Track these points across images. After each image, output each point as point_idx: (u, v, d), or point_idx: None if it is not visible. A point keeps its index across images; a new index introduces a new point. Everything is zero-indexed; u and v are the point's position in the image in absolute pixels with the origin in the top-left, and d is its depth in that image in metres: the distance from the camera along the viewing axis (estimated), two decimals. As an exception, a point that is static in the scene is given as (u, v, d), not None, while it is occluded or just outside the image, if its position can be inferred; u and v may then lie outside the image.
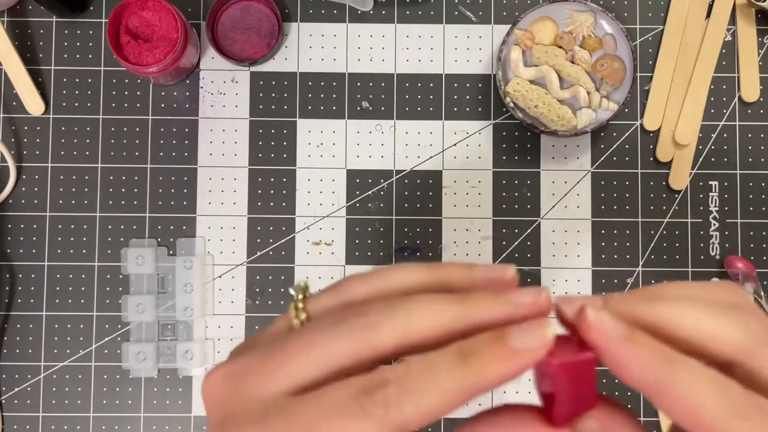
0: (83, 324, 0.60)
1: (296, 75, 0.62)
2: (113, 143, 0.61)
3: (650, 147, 0.61)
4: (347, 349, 0.23)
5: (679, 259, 0.61)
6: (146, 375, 0.59)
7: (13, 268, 0.60)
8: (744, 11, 0.62)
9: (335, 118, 0.61)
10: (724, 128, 0.61)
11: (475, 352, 0.22)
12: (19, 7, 0.62)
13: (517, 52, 0.58)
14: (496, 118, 0.62)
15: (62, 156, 0.61)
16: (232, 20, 0.62)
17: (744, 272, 0.59)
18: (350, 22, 0.62)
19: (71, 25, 0.62)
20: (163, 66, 0.56)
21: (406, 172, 0.61)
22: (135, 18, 0.56)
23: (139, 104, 0.61)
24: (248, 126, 0.61)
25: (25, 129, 0.61)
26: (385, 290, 0.25)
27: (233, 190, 0.61)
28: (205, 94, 0.62)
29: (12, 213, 0.60)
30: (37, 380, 0.59)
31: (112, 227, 0.60)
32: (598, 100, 0.57)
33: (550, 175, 0.61)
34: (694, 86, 0.61)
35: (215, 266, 0.60)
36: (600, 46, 0.58)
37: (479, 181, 0.61)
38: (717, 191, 0.61)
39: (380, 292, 0.25)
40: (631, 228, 0.61)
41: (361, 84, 0.62)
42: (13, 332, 0.60)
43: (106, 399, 0.59)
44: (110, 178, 0.61)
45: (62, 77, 0.61)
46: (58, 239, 0.60)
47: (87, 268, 0.60)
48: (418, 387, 0.22)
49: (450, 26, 0.62)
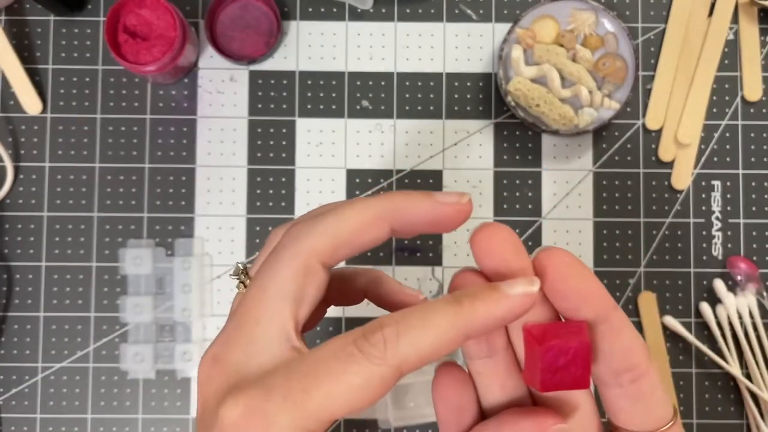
0: (81, 325, 0.59)
1: (295, 74, 0.61)
2: (111, 143, 0.61)
3: (652, 146, 0.61)
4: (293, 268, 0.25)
5: (682, 260, 0.60)
6: (144, 376, 0.59)
7: (10, 268, 0.60)
8: (746, 10, 0.61)
9: (335, 117, 0.61)
10: (726, 127, 0.61)
11: (467, 295, 0.24)
12: (16, 6, 0.61)
13: (519, 50, 0.58)
14: (497, 118, 0.61)
15: (60, 155, 0.60)
16: (230, 19, 0.61)
17: (747, 273, 0.59)
18: (350, 20, 0.62)
19: (69, 23, 0.61)
20: (161, 65, 0.55)
21: (407, 171, 0.61)
22: (133, 16, 0.56)
23: (137, 103, 0.61)
24: (247, 125, 0.61)
25: (22, 128, 0.61)
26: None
27: (232, 190, 0.61)
28: (204, 93, 0.61)
29: (9, 213, 0.60)
30: (34, 381, 0.59)
31: (110, 227, 0.60)
32: (600, 99, 0.57)
33: (552, 175, 0.61)
34: (697, 85, 0.61)
35: (214, 267, 0.60)
36: (602, 45, 0.58)
37: (480, 180, 0.61)
38: (719, 191, 0.61)
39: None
40: (633, 228, 0.60)
41: (361, 83, 0.61)
42: (11, 333, 0.59)
43: (104, 400, 0.59)
44: (108, 177, 0.60)
45: (60, 76, 0.61)
46: (55, 239, 0.60)
47: (85, 269, 0.60)
48: (414, 326, 0.23)
49: (450, 24, 0.62)
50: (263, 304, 0.25)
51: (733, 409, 0.59)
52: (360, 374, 0.22)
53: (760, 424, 0.57)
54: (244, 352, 0.25)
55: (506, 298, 0.23)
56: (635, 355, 0.24)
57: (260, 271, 0.26)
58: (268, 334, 0.25)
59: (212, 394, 0.24)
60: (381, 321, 0.23)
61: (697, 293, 0.60)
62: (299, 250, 0.25)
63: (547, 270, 0.24)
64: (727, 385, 0.59)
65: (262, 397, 0.23)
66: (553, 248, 0.25)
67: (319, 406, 0.22)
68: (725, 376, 0.59)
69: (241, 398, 0.23)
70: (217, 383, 0.25)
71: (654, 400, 0.25)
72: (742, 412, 0.59)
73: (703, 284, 0.60)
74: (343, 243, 0.25)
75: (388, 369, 0.22)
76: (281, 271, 0.25)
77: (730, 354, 0.58)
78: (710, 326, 0.58)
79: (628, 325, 0.24)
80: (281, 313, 0.25)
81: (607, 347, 0.24)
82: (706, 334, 0.59)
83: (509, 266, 0.24)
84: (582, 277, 0.24)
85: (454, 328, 0.23)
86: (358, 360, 0.22)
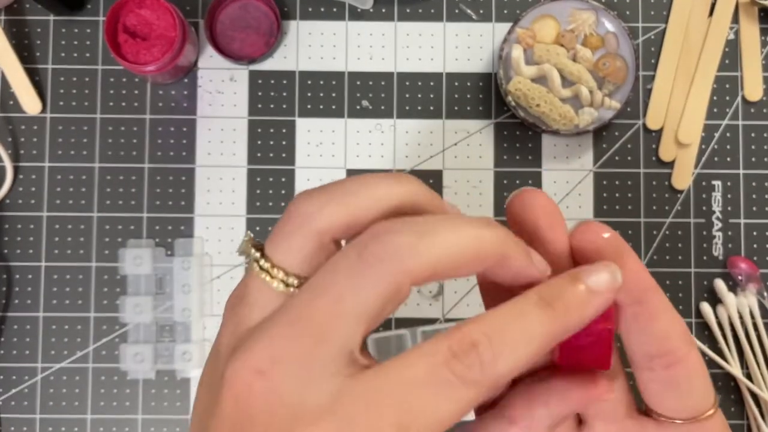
0: (80, 325, 0.59)
1: (295, 74, 0.61)
2: (111, 142, 0.61)
3: (653, 146, 0.61)
4: (385, 287, 0.20)
5: (682, 260, 0.60)
6: (144, 376, 0.59)
7: (10, 268, 0.60)
8: (747, 9, 0.61)
9: (335, 117, 0.61)
10: (727, 127, 0.61)
11: (557, 297, 0.21)
12: (16, 5, 0.61)
13: (519, 50, 0.58)
14: (497, 117, 0.61)
15: (59, 155, 0.60)
16: (230, 18, 0.61)
17: (747, 273, 0.59)
18: (350, 20, 0.62)
19: (68, 23, 0.61)
20: (161, 65, 0.55)
21: (407, 171, 0.61)
22: (133, 16, 0.56)
23: (136, 103, 0.61)
24: (247, 125, 0.61)
25: (22, 128, 0.60)
26: (365, 214, 0.22)
27: (232, 190, 0.60)
28: (204, 93, 0.61)
29: (9, 213, 0.60)
30: (34, 382, 0.59)
31: (110, 227, 0.60)
32: (600, 99, 0.57)
33: (552, 175, 0.61)
34: (697, 85, 0.61)
35: (213, 267, 0.60)
36: (602, 45, 0.57)
37: (480, 180, 0.61)
38: (720, 191, 0.61)
39: (358, 218, 0.22)
40: (634, 228, 0.60)
41: (361, 83, 0.61)
42: (10, 333, 0.59)
43: (103, 401, 0.59)
44: (108, 177, 0.60)
45: (59, 76, 0.61)
46: (55, 239, 0.60)
47: (84, 269, 0.60)
48: (511, 340, 0.21)
49: (450, 24, 0.62)
50: (337, 322, 0.20)
51: (734, 409, 0.59)
52: (457, 401, 0.20)
53: (760, 424, 0.57)
54: (302, 373, 0.20)
55: (595, 296, 0.22)
56: (671, 341, 0.23)
57: (335, 274, 0.21)
58: (332, 353, 0.20)
59: (261, 419, 0.20)
60: (471, 336, 0.20)
61: (697, 293, 0.60)
62: (397, 270, 0.20)
63: (585, 249, 0.23)
64: (728, 385, 0.59)
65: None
66: (592, 224, 0.23)
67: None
68: (726, 376, 0.59)
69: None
70: (268, 407, 0.20)
71: (689, 387, 0.24)
72: (743, 413, 0.58)
73: (704, 284, 0.60)
74: (443, 272, 0.21)
75: (486, 391, 0.20)
76: (368, 288, 0.20)
77: (730, 354, 0.58)
78: (711, 326, 0.58)
79: (666, 310, 0.23)
80: (356, 333, 0.21)
81: (641, 330, 0.23)
82: (706, 334, 0.59)
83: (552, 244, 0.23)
84: (620, 257, 0.23)
85: (550, 335, 0.21)
86: (455, 386, 0.20)
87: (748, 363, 0.58)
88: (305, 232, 0.22)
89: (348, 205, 0.22)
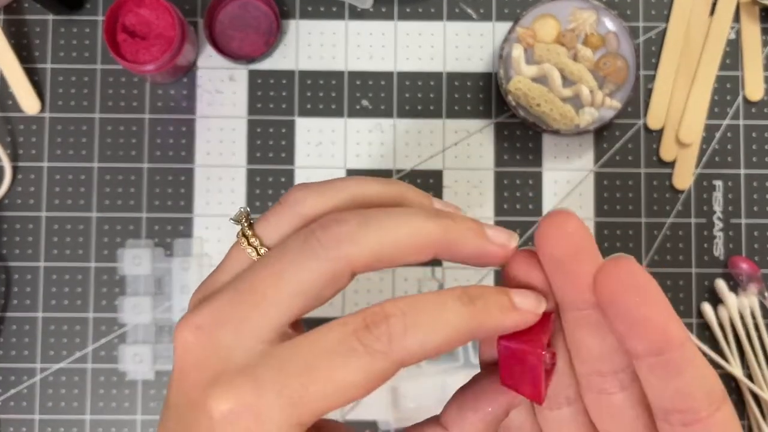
0: (79, 325, 0.59)
1: (295, 73, 0.61)
2: (110, 142, 0.60)
3: (653, 146, 0.61)
4: (323, 270, 0.22)
5: (683, 260, 0.60)
6: (143, 377, 0.59)
7: (8, 268, 0.59)
8: (748, 9, 0.61)
9: (334, 117, 0.61)
10: (728, 127, 0.61)
11: (480, 297, 0.22)
12: (15, 5, 0.61)
13: (519, 50, 0.57)
14: (498, 117, 0.61)
15: (58, 155, 0.60)
16: (230, 18, 0.61)
17: (748, 273, 0.58)
18: (350, 19, 0.61)
19: (67, 22, 0.61)
20: (160, 64, 0.55)
21: (407, 171, 0.61)
22: (132, 15, 0.56)
23: (135, 103, 0.61)
24: (246, 125, 0.61)
25: (20, 128, 0.60)
26: (341, 204, 0.25)
27: (231, 190, 0.60)
28: (203, 93, 0.61)
29: (7, 213, 0.60)
30: (32, 382, 0.59)
31: (109, 227, 0.60)
32: (601, 99, 0.57)
33: (552, 175, 0.61)
34: (698, 85, 0.61)
35: (213, 267, 0.60)
36: (602, 44, 0.57)
37: (480, 180, 0.60)
38: (721, 191, 0.60)
39: (336, 206, 0.25)
40: (634, 228, 0.60)
41: (361, 82, 0.61)
42: (9, 334, 0.59)
43: (102, 401, 0.59)
44: (107, 177, 0.60)
45: (58, 75, 0.61)
46: (54, 239, 0.60)
47: (83, 269, 0.60)
48: (424, 322, 0.21)
49: (451, 24, 0.61)
50: (274, 293, 0.22)
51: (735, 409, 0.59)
52: (362, 371, 0.21)
53: (761, 424, 0.57)
54: (234, 333, 0.22)
55: (516, 312, 0.23)
56: (693, 400, 0.21)
57: (282, 252, 0.23)
58: (264, 320, 0.22)
59: (193, 369, 0.23)
60: (386, 310, 0.22)
61: (698, 294, 0.60)
62: (337, 256, 0.22)
63: (604, 286, 0.21)
64: (729, 386, 0.59)
65: (253, 393, 0.21)
66: (622, 260, 0.21)
67: (315, 402, 0.21)
68: (727, 376, 0.59)
69: (232, 392, 0.21)
70: (199, 359, 0.23)
71: None
72: (744, 413, 0.58)
73: (705, 284, 0.60)
74: (384, 260, 0.23)
75: (391, 365, 0.21)
76: (308, 268, 0.22)
77: (731, 354, 0.58)
78: (711, 327, 0.58)
79: (692, 364, 0.20)
80: (289, 308, 0.22)
81: (657, 383, 0.21)
82: (707, 334, 0.59)
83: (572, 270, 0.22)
84: (641, 302, 0.20)
85: (464, 329, 0.22)
86: (360, 355, 0.21)
87: (749, 363, 0.58)
88: (289, 213, 0.25)
89: (328, 197, 0.25)
